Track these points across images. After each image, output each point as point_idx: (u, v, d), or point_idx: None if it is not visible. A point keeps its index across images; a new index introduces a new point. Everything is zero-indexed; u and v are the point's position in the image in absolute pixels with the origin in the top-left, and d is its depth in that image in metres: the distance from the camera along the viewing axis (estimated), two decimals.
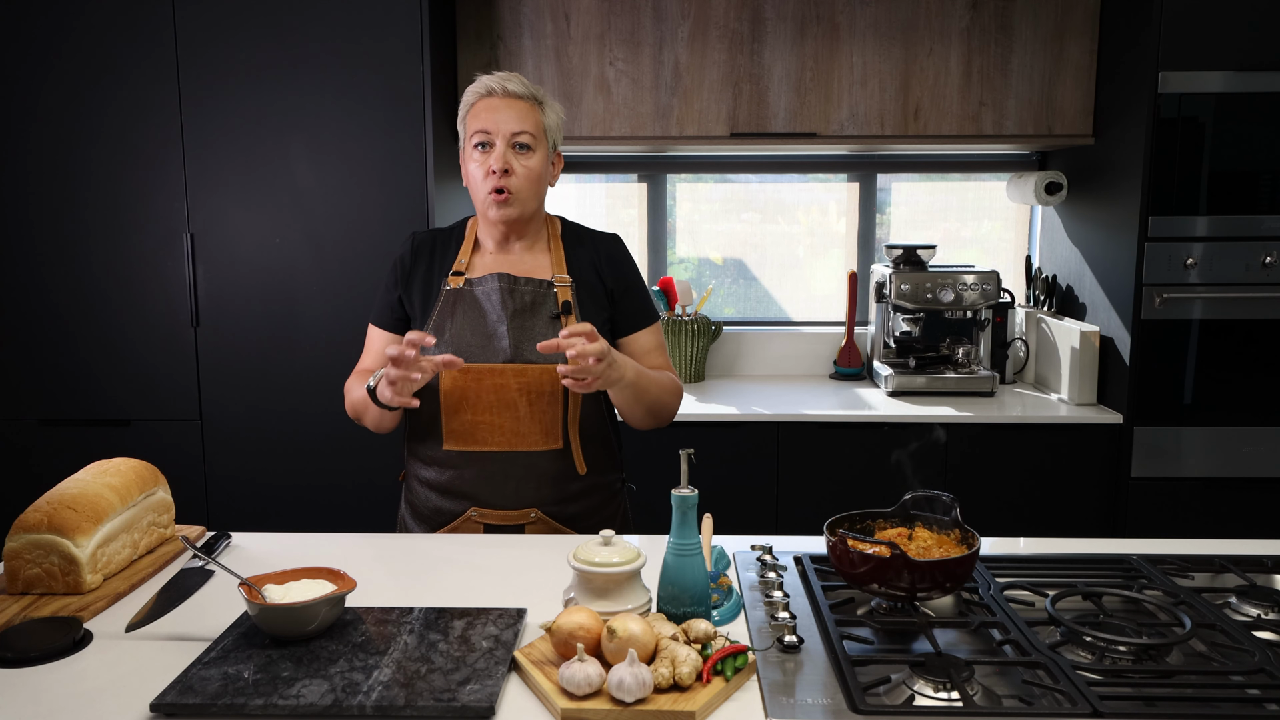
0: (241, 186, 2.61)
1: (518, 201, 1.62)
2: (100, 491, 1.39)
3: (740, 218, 3.42)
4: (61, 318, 2.66)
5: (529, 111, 1.63)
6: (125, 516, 1.42)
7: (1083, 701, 1.02)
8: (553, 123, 1.68)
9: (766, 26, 2.84)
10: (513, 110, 1.62)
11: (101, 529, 1.36)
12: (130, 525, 1.43)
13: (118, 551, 1.40)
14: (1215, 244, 2.61)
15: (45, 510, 1.33)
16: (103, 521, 1.36)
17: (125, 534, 1.42)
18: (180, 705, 1.03)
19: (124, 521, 1.41)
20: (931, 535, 1.33)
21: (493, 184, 1.60)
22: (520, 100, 1.63)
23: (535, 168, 1.63)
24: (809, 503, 2.74)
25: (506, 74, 1.65)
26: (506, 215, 1.63)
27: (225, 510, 2.71)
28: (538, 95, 1.66)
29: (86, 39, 2.55)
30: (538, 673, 1.09)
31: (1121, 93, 2.71)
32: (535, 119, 1.64)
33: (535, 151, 1.63)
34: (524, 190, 1.62)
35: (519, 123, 1.61)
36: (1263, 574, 1.41)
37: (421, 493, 1.69)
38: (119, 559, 1.40)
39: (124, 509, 1.41)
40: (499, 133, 1.60)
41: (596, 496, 1.70)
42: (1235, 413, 2.66)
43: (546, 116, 1.66)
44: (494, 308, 1.63)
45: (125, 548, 1.42)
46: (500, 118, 1.61)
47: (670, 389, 1.70)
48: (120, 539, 1.40)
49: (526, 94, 1.64)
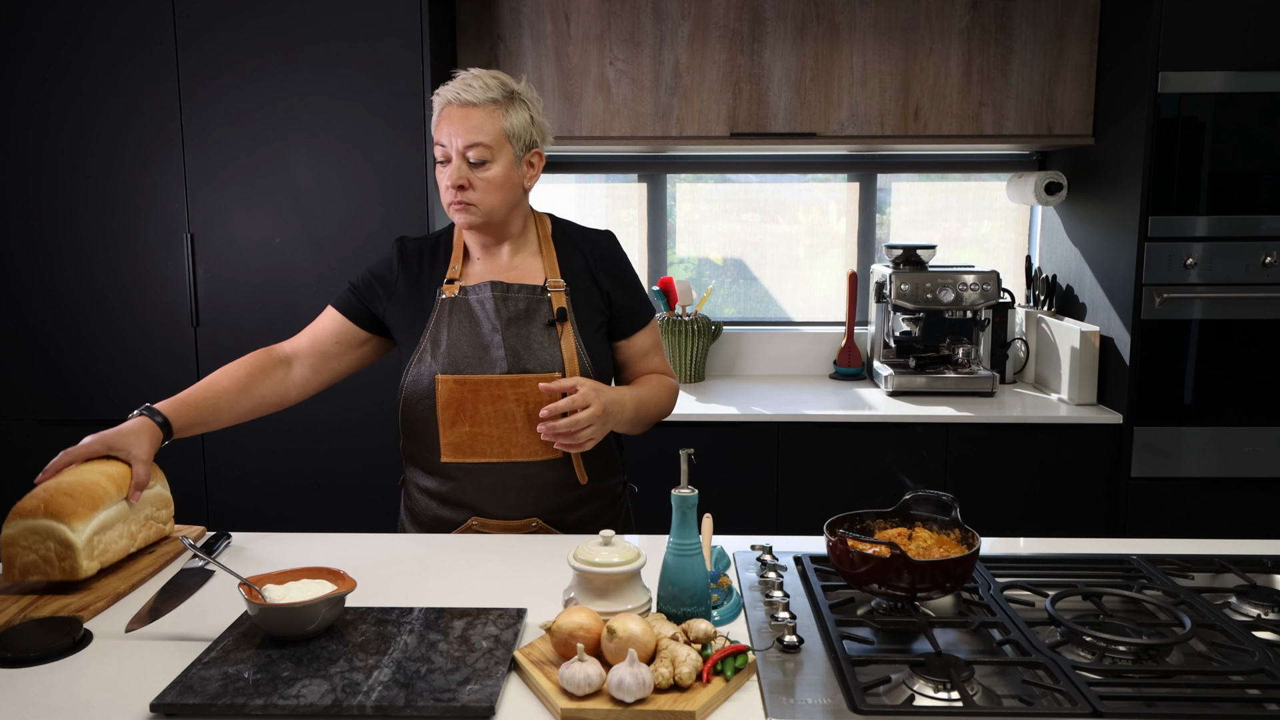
0: (241, 186, 2.61)
1: (478, 211, 1.58)
2: (97, 480, 1.39)
3: (740, 218, 3.42)
4: (61, 318, 2.66)
5: (486, 119, 1.55)
6: (121, 506, 1.42)
7: (1083, 701, 1.02)
8: (518, 124, 1.58)
9: (766, 26, 2.84)
10: (467, 121, 1.55)
11: (98, 515, 1.36)
12: (127, 516, 1.43)
13: (115, 541, 1.40)
14: (1215, 244, 2.61)
15: (41, 497, 1.34)
16: (99, 508, 1.36)
17: (122, 524, 1.42)
18: (180, 705, 1.03)
19: (120, 511, 1.41)
20: (931, 535, 1.33)
21: (450, 197, 1.58)
22: (476, 108, 1.55)
23: (494, 178, 1.57)
24: (809, 503, 2.73)
25: (468, 77, 1.57)
26: (469, 222, 1.59)
27: (225, 510, 2.71)
28: (498, 97, 1.56)
29: (86, 39, 2.55)
30: (538, 673, 1.09)
31: (1121, 93, 2.71)
32: (494, 126, 1.55)
33: (494, 162, 1.56)
34: (484, 202, 1.57)
35: (472, 134, 1.54)
36: (1263, 574, 1.41)
37: (421, 500, 1.68)
38: (116, 549, 1.40)
39: (120, 498, 1.41)
40: (452, 147, 1.56)
41: (598, 502, 1.69)
42: (1235, 413, 2.66)
43: (510, 119, 1.57)
44: (488, 317, 1.60)
45: (122, 538, 1.42)
46: (454, 129, 1.55)
47: (667, 396, 1.70)
48: (117, 528, 1.40)
49: (483, 99, 1.55)
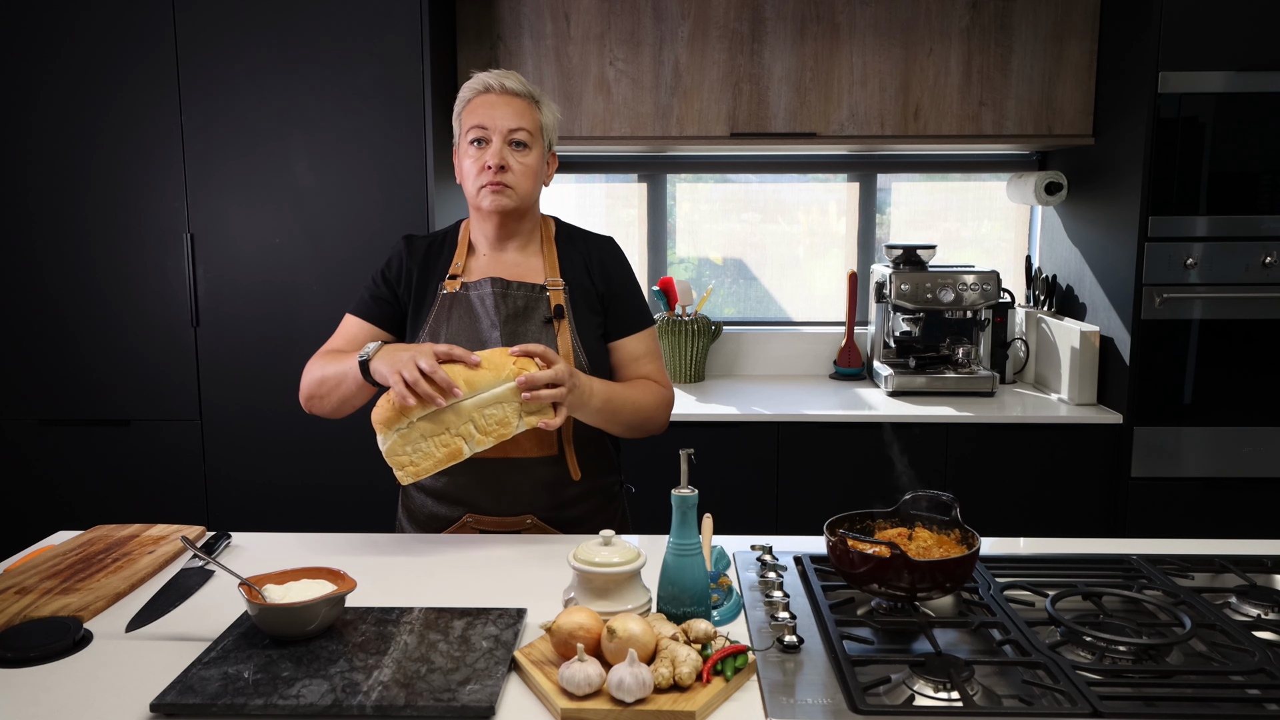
0: (241, 186, 2.61)
1: (514, 195, 1.61)
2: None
3: (740, 218, 3.42)
4: (61, 318, 2.66)
5: (526, 109, 1.62)
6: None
7: (1083, 701, 1.02)
8: (549, 121, 1.67)
9: (766, 26, 2.84)
10: (510, 107, 1.61)
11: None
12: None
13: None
14: (1215, 244, 2.61)
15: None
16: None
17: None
18: (180, 705, 1.03)
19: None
20: (931, 535, 1.33)
21: (488, 178, 1.59)
22: (517, 98, 1.62)
23: (532, 165, 1.62)
24: (809, 503, 2.73)
25: (503, 71, 1.64)
26: (500, 204, 1.60)
27: (225, 510, 2.71)
28: (534, 94, 1.65)
29: (86, 39, 2.55)
30: (538, 673, 1.09)
31: (1121, 93, 2.71)
32: (533, 117, 1.63)
33: (532, 149, 1.62)
34: (520, 186, 1.61)
35: (516, 119, 1.60)
36: (1263, 574, 1.41)
37: (418, 498, 1.69)
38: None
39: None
40: (496, 129, 1.59)
41: (594, 500, 1.69)
42: (1235, 413, 2.66)
43: (543, 115, 1.65)
44: (487, 313, 1.62)
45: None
46: (498, 114, 1.60)
47: (654, 403, 1.65)
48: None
49: (524, 91, 1.63)
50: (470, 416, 1.45)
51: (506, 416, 1.47)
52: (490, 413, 1.46)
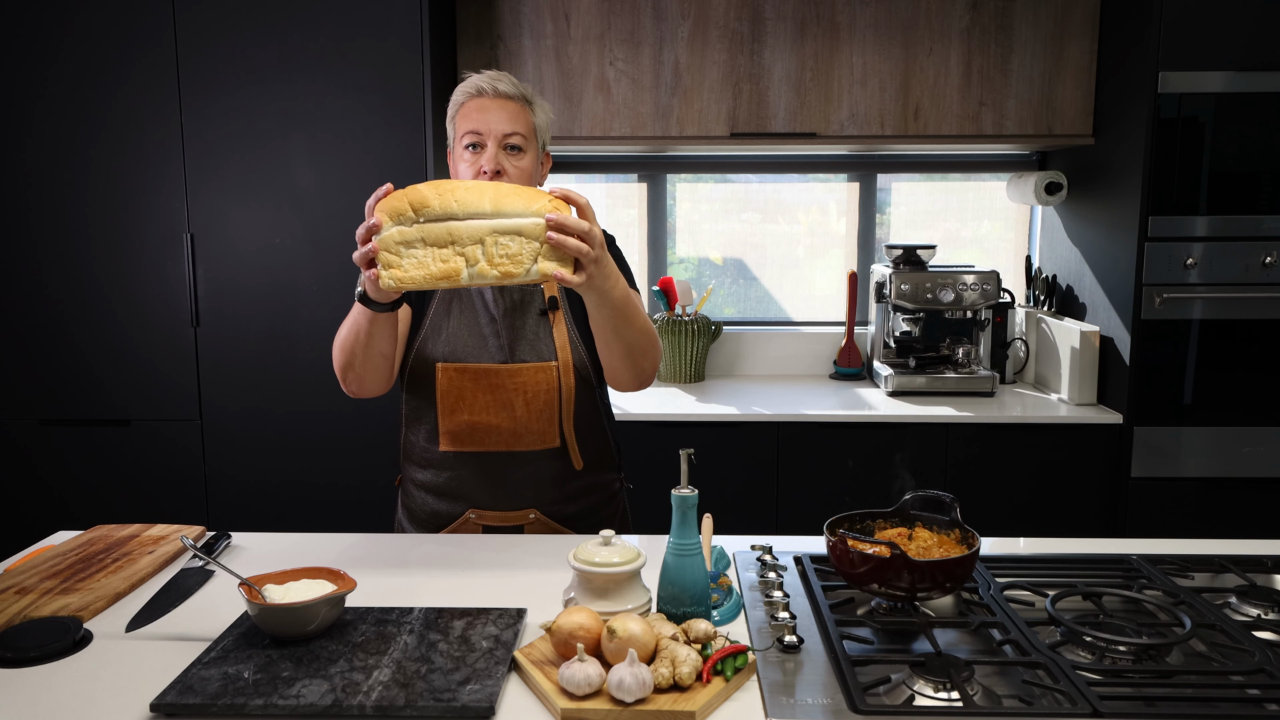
0: (241, 186, 2.61)
1: None
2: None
3: (740, 218, 3.42)
4: (61, 318, 2.66)
5: (520, 112, 1.62)
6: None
7: (1083, 701, 1.02)
8: (542, 123, 1.66)
9: (766, 26, 2.84)
10: (504, 111, 1.60)
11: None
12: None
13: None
14: (1215, 244, 2.61)
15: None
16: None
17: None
18: (180, 705, 1.03)
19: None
20: (931, 535, 1.33)
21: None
22: (511, 101, 1.62)
23: (526, 168, 1.62)
24: (809, 503, 2.74)
25: (496, 73, 1.63)
26: None
27: (225, 510, 2.71)
28: (527, 95, 1.64)
29: (86, 39, 2.55)
30: (538, 673, 1.09)
31: (1121, 93, 2.71)
32: (526, 119, 1.62)
33: (526, 153, 1.61)
34: None
35: (510, 124, 1.59)
36: (1263, 574, 1.41)
37: (418, 496, 1.69)
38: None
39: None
40: (490, 134, 1.59)
41: (595, 496, 1.70)
42: (1235, 413, 2.66)
43: (536, 117, 1.65)
44: (486, 307, 1.63)
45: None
46: (491, 118, 1.59)
47: (652, 335, 1.59)
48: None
49: (517, 94, 1.63)
50: (482, 238, 1.32)
51: (520, 254, 1.32)
52: (505, 242, 1.32)
